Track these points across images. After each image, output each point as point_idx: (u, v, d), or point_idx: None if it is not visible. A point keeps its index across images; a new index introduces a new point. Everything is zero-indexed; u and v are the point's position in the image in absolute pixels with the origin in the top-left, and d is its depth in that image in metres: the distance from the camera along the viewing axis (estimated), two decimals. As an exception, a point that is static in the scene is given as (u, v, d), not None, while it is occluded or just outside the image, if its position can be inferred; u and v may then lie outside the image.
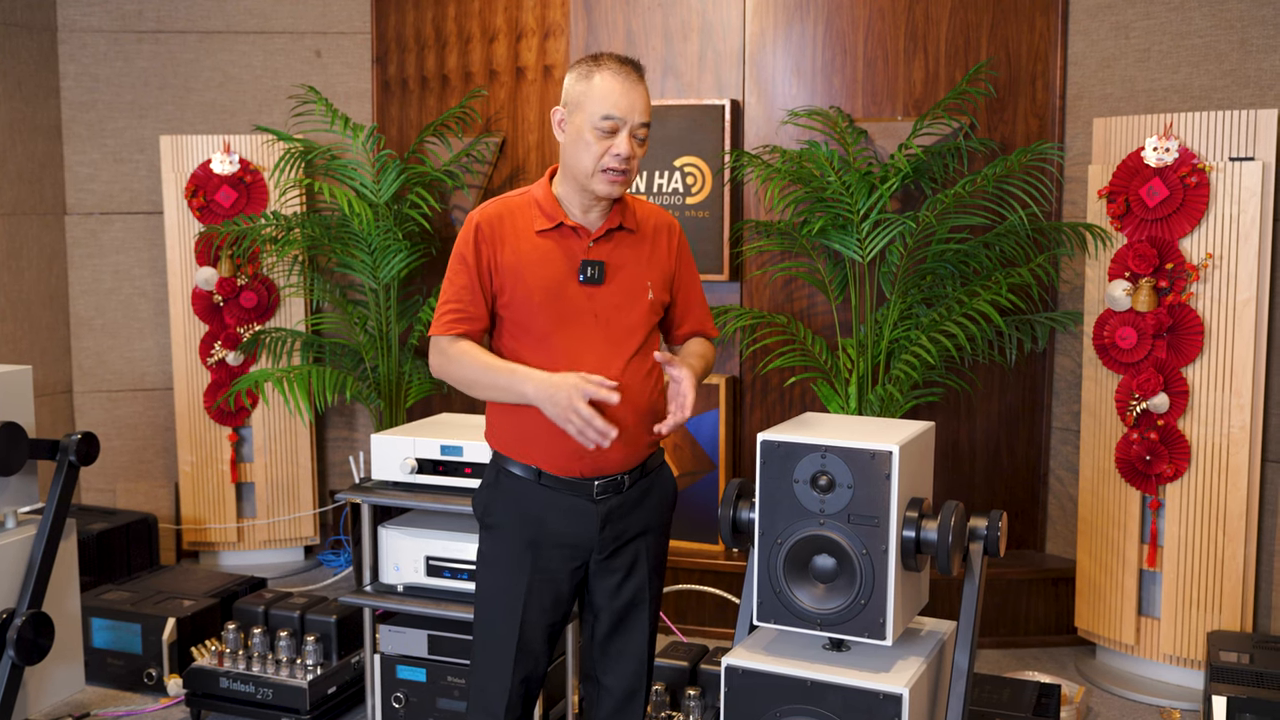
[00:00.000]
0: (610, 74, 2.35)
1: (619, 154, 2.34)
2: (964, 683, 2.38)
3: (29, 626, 3.06)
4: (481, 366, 2.39)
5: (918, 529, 2.32)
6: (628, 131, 2.35)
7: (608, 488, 2.43)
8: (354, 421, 5.33)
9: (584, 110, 2.36)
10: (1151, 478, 3.77)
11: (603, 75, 2.36)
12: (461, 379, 2.42)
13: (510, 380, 2.35)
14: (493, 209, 2.44)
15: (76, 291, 5.17)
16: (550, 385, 2.28)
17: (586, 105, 2.35)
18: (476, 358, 2.39)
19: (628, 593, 2.50)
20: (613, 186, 2.37)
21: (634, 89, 2.36)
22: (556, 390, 2.27)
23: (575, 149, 2.38)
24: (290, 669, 3.55)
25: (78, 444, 3.19)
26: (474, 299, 2.41)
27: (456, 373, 2.41)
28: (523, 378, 2.33)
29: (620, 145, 2.34)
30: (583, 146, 2.36)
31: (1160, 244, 3.70)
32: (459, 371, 2.41)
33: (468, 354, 2.40)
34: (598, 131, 2.34)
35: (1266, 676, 3.23)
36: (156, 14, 5.10)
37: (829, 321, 4.40)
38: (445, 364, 2.43)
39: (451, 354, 2.41)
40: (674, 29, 4.54)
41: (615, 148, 2.34)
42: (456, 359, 2.40)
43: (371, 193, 4.64)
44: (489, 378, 2.38)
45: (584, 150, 2.36)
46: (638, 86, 2.37)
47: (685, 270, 2.59)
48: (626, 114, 2.34)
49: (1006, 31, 4.29)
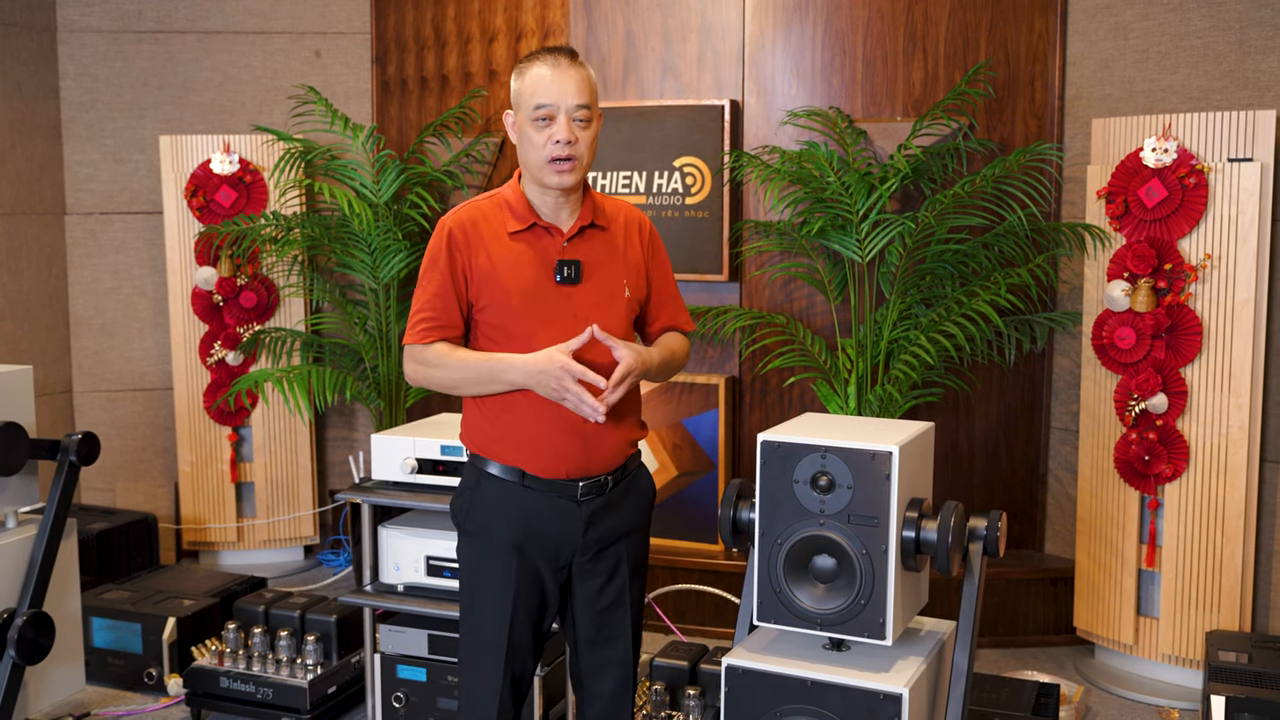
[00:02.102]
0: (539, 64, 2.35)
1: (558, 140, 2.33)
2: (963, 682, 2.38)
3: (30, 626, 3.06)
4: (460, 364, 2.38)
5: (917, 529, 2.32)
6: (564, 116, 2.33)
7: (591, 489, 2.42)
8: (354, 421, 5.34)
9: (522, 106, 2.37)
10: (1150, 478, 3.78)
11: (533, 68, 2.36)
12: (441, 381, 2.41)
13: (493, 369, 2.35)
14: (465, 214, 2.42)
15: (76, 291, 5.17)
16: (537, 368, 2.29)
17: (523, 101, 2.36)
18: (454, 357, 2.38)
19: (609, 596, 2.50)
20: (562, 176, 2.36)
21: (563, 73, 2.33)
22: (544, 373, 2.28)
23: (523, 147, 2.39)
24: (290, 669, 3.55)
25: (78, 444, 3.19)
26: (447, 307, 2.39)
27: (436, 375, 2.40)
28: (506, 364, 2.33)
29: (559, 131, 2.33)
30: (527, 142, 2.37)
31: (1159, 244, 3.70)
32: (438, 374, 2.40)
33: (444, 355, 2.39)
34: (536, 123, 2.34)
35: (1265, 676, 3.23)
36: (156, 14, 5.10)
37: (828, 322, 4.40)
38: (422, 370, 2.41)
39: (428, 358, 2.40)
40: (673, 29, 4.55)
41: (554, 134, 2.33)
42: (434, 362, 2.39)
43: (371, 193, 4.64)
44: (471, 373, 2.37)
45: (529, 146, 2.36)
46: (568, 70, 2.34)
47: (658, 266, 2.58)
48: (558, 99, 2.33)
49: (1005, 32, 4.29)
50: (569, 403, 2.29)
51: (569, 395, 2.28)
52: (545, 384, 2.29)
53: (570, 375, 2.27)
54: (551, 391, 2.29)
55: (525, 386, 2.33)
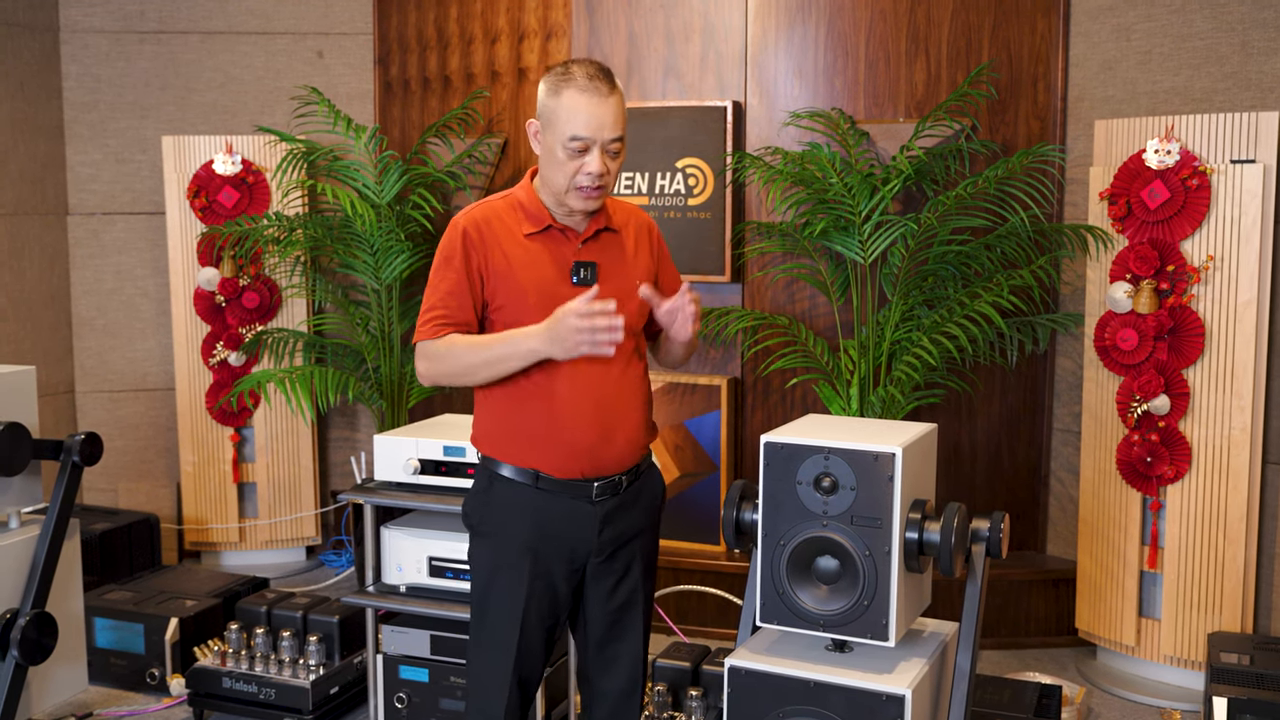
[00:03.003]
0: (577, 91, 2.29)
1: (590, 173, 2.31)
2: (966, 684, 2.38)
3: (32, 626, 3.06)
4: (470, 347, 2.35)
5: (920, 530, 2.32)
6: (599, 149, 2.31)
7: (606, 489, 2.42)
8: (356, 422, 5.34)
9: (554, 129, 2.32)
10: (1152, 479, 3.78)
11: (570, 92, 2.30)
12: (455, 369, 2.37)
13: (508, 345, 2.32)
14: (478, 213, 2.41)
15: (78, 292, 5.18)
16: (549, 329, 2.25)
17: (556, 124, 2.31)
18: (466, 343, 2.35)
19: (622, 595, 2.50)
20: (588, 202, 2.36)
21: (602, 104, 2.29)
22: (557, 322, 2.23)
23: (549, 165, 2.36)
24: (293, 669, 3.56)
25: (81, 444, 3.19)
26: (461, 304, 2.37)
27: (449, 365, 2.37)
28: (520, 336, 2.31)
29: (592, 164, 2.31)
30: (555, 165, 2.34)
31: (1161, 246, 3.70)
32: (451, 363, 2.36)
33: (456, 344, 2.36)
34: (568, 151, 2.31)
35: (1267, 678, 3.23)
36: (158, 14, 5.10)
37: (830, 323, 4.40)
38: (434, 364, 2.38)
39: (439, 350, 2.37)
40: (676, 30, 4.55)
41: (587, 167, 2.31)
42: (445, 353, 2.36)
43: (374, 194, 4.64)
44: (486, 352, 2.33)
45: (557, 168, 2.34)
46: (606, 101, 2.30)
47: (666, 267, 2.58)
48: (595, 133, 2.30)
49: (1008, 33, 4.29)
50: (586, 342, 2.21)
51: (583, 330, 2.20)
52: (561, 332, 2.23)
53: (577, 311, 2.20)
54: (570, 336, 2.21)
55: (542, 351, 2.27)
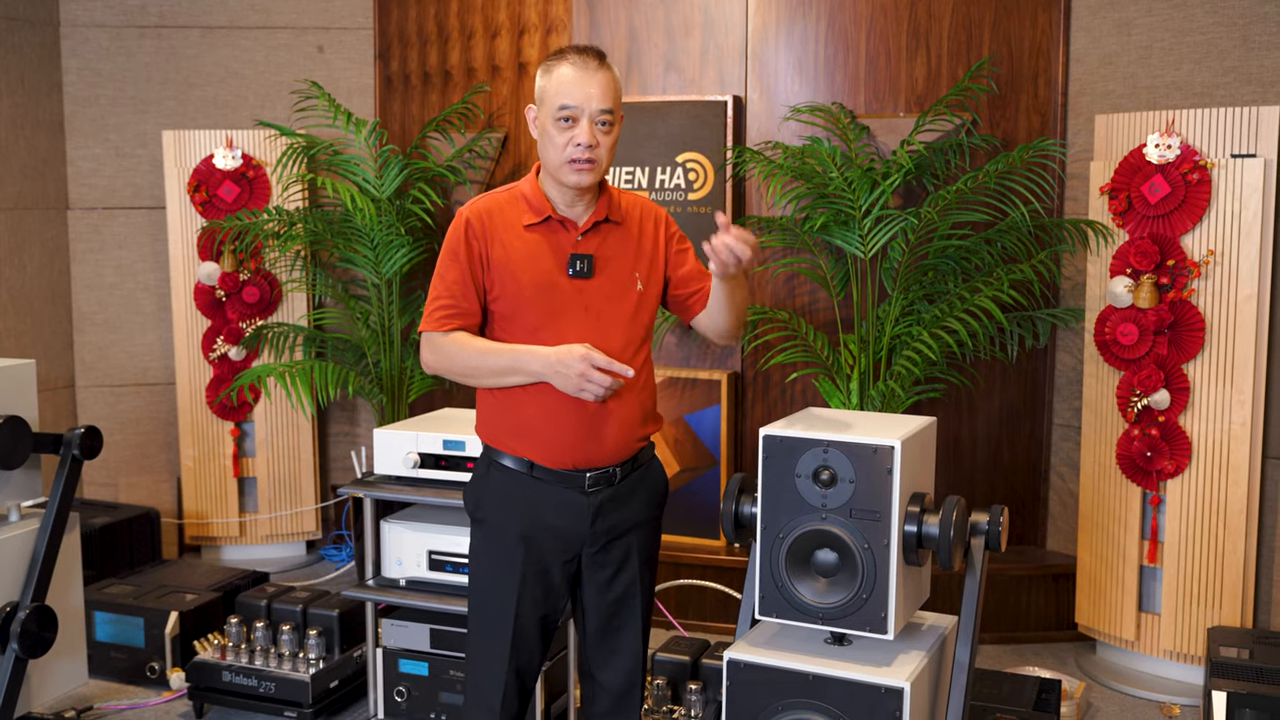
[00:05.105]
0: (567, 65, 2.37)
1: (580, 143, 2.35)
2: (965, 677, 2.38)
3: (32, 620, 3.07)
4: (479, 352, 2.39)
5: (919, 524, 2.32)
6: (587, 119, 2.36)
7: (599, 480, 2.43)
8: (356, 416, 5.34)
9: (545, 105, 2.39)
10: (1152, 474, 3.78)
11: (561, 68, 2.38)
12: (459, 369, 2.42)
13: (514, 361, 2.37)
14: (482, 205, 2.45)
15: (79, 286, 5.18)
16: (558, 359, 2.31)
17: (547, 99, 2.39)
18: (473, 345, 2.40)
19: (619, 587, 2.51)
20: (580, 175, 2.38)
21: (590, 77, 2.36)
22: (565, 365, 2.30)
23: (543, 144, 2.41)
24: (293, 663, 3.56)
25: (81, 438, 3.20)
26: (466, 294, 2.41)
27: (453, 363, 2.42)
28: (528, 356, 2.35)
29: (581, 134, 2.35)
30: (548, 140, 2.39)
31: (1162, 240, 3.70)
32: (456, 362, 2.41)
33: (463, 343, 2.40)
34: (559, 124, 2.36)
35: (1267, 672, 3.23)
36: (159, 9, 5.10)
37: (831, 317, 4.40)
38: (439, 358, 2.43)
39: (446, 346, 2.41)
40: (676, 25, 4.54)
41: (576, 137, 2.35)
42: (451, 351, 2.41)
43: (374, 188, 4.64)
44: (490, 362, 2.39)
45: (549, 144, 2.39)
46: (595, 74, 2.37)
47: (683, 252, 2.57)
48: (583, 102, 2.35)
49: (1008, 28, 4.29)
50: (587, 392, 2.30)
51: (589, 385, 2.29)
52: (565, 374, 2.30)
53: (591, 362, 2.28)
54: (570, 380, 2.30)
55: (543, 377, 2.34)
